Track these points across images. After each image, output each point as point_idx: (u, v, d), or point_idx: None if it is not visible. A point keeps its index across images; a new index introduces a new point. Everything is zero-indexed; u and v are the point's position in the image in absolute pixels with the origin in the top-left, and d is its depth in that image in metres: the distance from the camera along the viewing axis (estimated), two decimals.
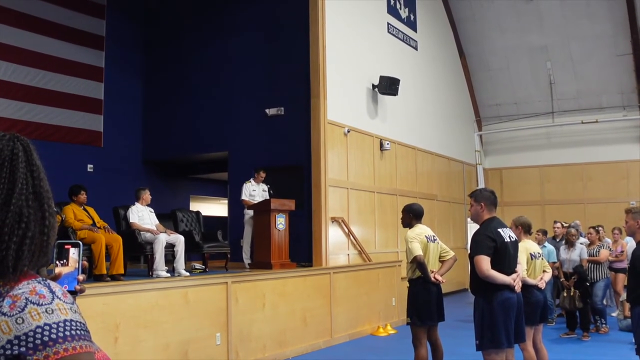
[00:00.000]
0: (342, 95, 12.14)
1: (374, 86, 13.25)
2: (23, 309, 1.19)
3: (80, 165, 12.72)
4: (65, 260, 1.52)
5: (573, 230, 10.19)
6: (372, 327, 10.85)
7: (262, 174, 10.89)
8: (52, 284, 1.27)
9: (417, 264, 6.21)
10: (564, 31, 17.51)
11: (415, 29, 15.73)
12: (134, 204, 9.13)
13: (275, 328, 8.64)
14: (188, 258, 9.76)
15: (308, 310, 9.33)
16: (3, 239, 1.24)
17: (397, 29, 14.78)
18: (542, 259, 6.67)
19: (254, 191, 10.79)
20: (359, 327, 10.56)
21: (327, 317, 9.78)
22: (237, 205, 11.45)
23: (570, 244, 10.00)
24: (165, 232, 8.96)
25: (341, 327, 10.08)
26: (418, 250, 6.20)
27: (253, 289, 8.36)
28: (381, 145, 13.42)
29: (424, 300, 6.26)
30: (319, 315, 9.59)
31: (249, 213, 10.64)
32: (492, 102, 19.32)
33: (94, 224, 8.33)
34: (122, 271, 8.22)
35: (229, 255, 10.47)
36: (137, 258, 10.75)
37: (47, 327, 1.19)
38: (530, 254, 6.45)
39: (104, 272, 7.93)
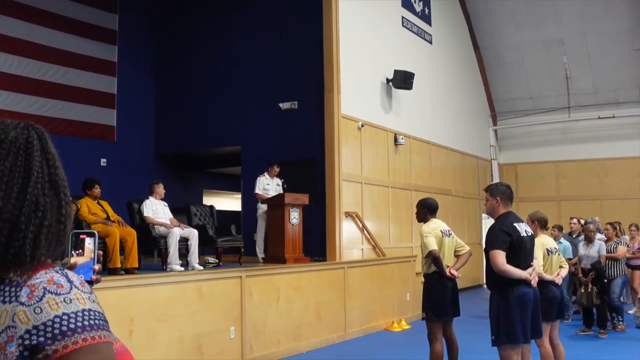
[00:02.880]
0: (356, 89, 12.08)
1: (388, 80, 13.18)
2: (41, 299, 1.18)
3: (94, 160, 12.75)
4: (80, 250, 1.50)
5: (592, 226, 10.09)
6: (387, 322, 10.81)
7: (276, 169, 10.86)
8: (70, 274, 1.25)
9: (432, 258, 6.16)
10: (580, 25, 17.33)
11: (429, 23, 15.64)
12: (147, 198, 9.13)
13: (289, 322, 8.62)
14: (202, 252, 9.75)
15: (322, 305, 9.31)
16: (20, 229, 1.23)
17: (412, 22, 14.69)
18: (559, 254, 6.59)
19: (268, 185, 10.76)
20: (373, 322, 10.53)
21: (341, 312, 9.76)
22: (250, 199, 11.43)
23: (588, 240, 9.90)
24: (179, 226, 8.95)
25: (355, 322, 10.05)
26: (433, 245, 6.15)
27: (267, 283, 8.35)
28: (395, 139, 13.35)
29: (439, 295, 6.21)
30: (333, 310, 9.56)
31: (263, 207, 10.61)
32: (507, 96, 19.18)
33: (108, 217, 8.33)
34: (136, 265, 8.22)
35: (242, 250, 10.46)
36: (151, 252, 10.76)
37: (65, 317, 1.17)
38: (547, 250, 6.38)
39: (119, 265, 7.94)
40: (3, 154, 1.27)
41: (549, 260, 6.37)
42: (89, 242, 1.51)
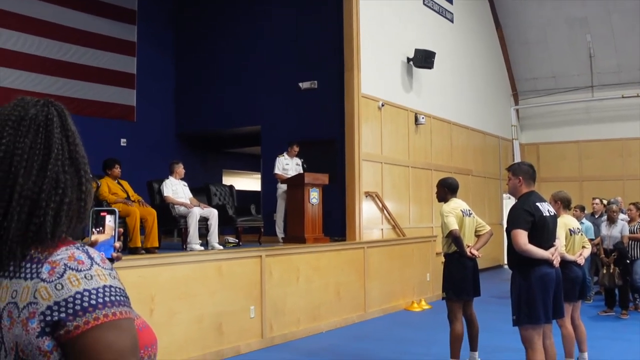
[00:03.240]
0: (376, 68, 11.99)
1: (408, 59, 13.07)
2: (62, 275, 1.18)
3: (114, 140, 12.81)
4: (101, 228, 1.49)
5: (614, 207, 9.97)
6: (406, 302, 10.81)
7: (296, 148, 10.84)
8: (91, 250, 1.25)
9: (453, 238, 6.13)
10: (604, 3, 17.00)
11: (451, 1, 15.45)
12: (167, 178, 9.17)
13: (309, 302, 8.65)
14: (221, 232, 9.79)
15: (342, 285, 9.32)
16: (40, 205, 1.23)
17: (433, 0, 14.52)
18: (582, 234, 6.53)
19: (287, 165, 10.75)
20: (393, 302, 10.54)
21: (361, 292, 9.77)
22: (270, 179, 11.44)
23: (611, 221, 9.80)
24: (199, 206, 8.99)
25: (375, 302, 10.06)
26: (454, 225, 6.11)
27: (287, 263, 8.37)
28: (416, 119, 13.27)
29: (459, 274, 6.18)
30: (353, 290, 9.57)
31: (282, 187, 10.62)
32: (530, 75, 18.93)
33: (128, 197, 8.38)
34: (156, 244, 8.28)
35: (262, 229, 10.49)
36: (171, 231, 10.83)
37: (86, 293, 1.17)
38: (570, 230, 6.32)
39: (139, 245, 8.00)
40: (23, 132, 1.27)
41: (572, 240, 6.31)
42: (109, 220, 1.50)
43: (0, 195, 1.22)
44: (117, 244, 1.49)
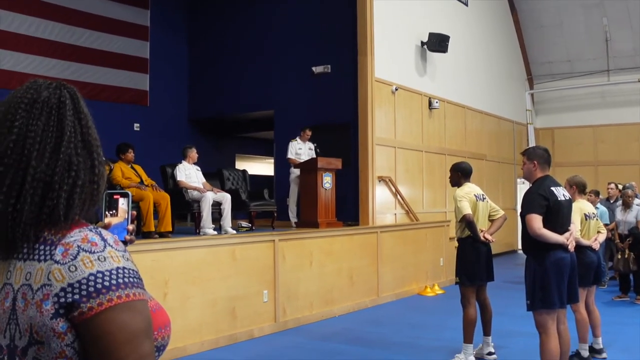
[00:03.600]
0: (390, 52, 11.92)
1: (422, 43, 12.98)
2: (75, 257, 1.18)
3: (127, 124, 12.83)
4: (114, 211, 1.49)
5: (630, 191, 9.88)
6: (420, 287, 10.81)
7: (308, 132, 10.81)
8: (104, 232, 1.25)
9: (467, 222, 6.10)
10: None
11: None
12: (180, 162, 9.18)
13: (322, 286, 8.66)
14: (234, 216, 9.81)
15: (355, 269, 9.32)
16: (54, 188, 1.23)
17: None
18: (597, 219, 6.48)
19: (300, 150, 10.74)
20: (406, 286, 10.54)
21: (374, 276, 9.77)
22: (283, 164, 11.44)
23: (626, 205, 9.72)
24: (212, 190, 9.00)
25: (388, 287, 10.07)
26: (467, 209, 6.08)
27: (300, 247, 8.38)
28: (430, 103, 13.20)
29: (473, 259, 6.16)
30: (366, 274, 9.58)
31: (295, 172, 10.61)
32: (545, 59, 18.74)
33: (141, 182, 8.41)
34: (170, 229, 8.31)
35: (275, 214, 10.50)
36: (184, 216, 10.86)
37: (99, 275, 1.17)
38: (585, 215, 6.27)
39: (152, 229, 8.03)
40: (36, 114, 1.27)
41: (587, 225, 6.26)
42: (122, 203, 1.50)
43: (13, 178, 1.22)
44: (130, 227, 1.49)
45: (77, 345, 1.16)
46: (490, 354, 6.40)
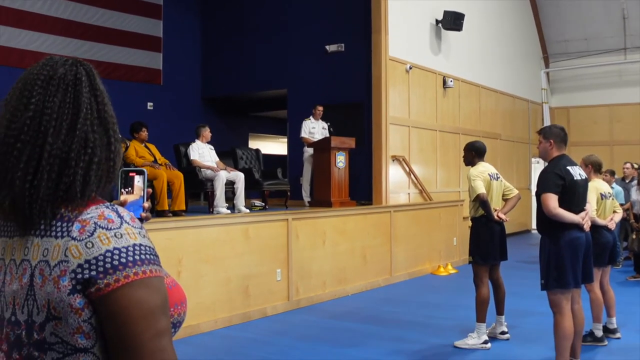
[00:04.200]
0: (404, 31, 11.83)
1: (437, 21, 12.87)
2: (92, 233, 1.18)
3: (140, 103, 12.84)
4: (130, 188, 1.49)
5: None
6: (433, 267, 10.82)
7: (320, 108, 10.76)
8: (120, 209, 1.25)
9: (480, 202, 6.07)
10: None
11: None
12: (194, 141, 9.18)
13: (335, 265, 8.68)
14: (247, 195, 9.82)
15: (368, 248, 9.33)
16: (70, 165, 1.23)
17: None
18: (613, 199, 6.43)
19: (314, 129, 10.72)
20: (419, 266, 10.54)
21: (387, 256, 9.78)
22: (296, 143, 11.43)
23: None
24: (226, 169, 9.01)
25: (401, 266, 10.08)
26: (481, 188, 6.05)
27: (313, 226, 8.39)
28: (444, 82, 13.11)
29: (486, 238, 6.14)
30: (379, 254, 9.59)
31: (309, 151, 10.60)
32: (561, 38, 18.53)
33: (155, 160, 8.42)
34: (183, 207, 8.32)
35: (288, 193, 10.50)
36: (198, 195, 10.89)
37: (116, 251, 1.17)
38: (601, 194, 6.22)
39: (166, 208, 8.04)
40: (52, 91, 1.26)
41: (603, 204, 6.22)
42: (138, 180, 1.50)
43: (30, 155, 1.22)
44: (146, 204, 1.49)
45: (94, 321, 1.17)
46: (503, 333, 6.41)
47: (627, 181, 11.11)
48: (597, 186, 6.22)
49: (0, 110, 1.28)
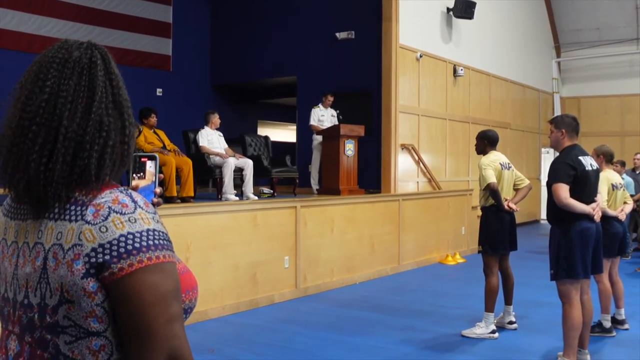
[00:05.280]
0: (415, 18, 11.76)
1: (448, 9, 12.79)
2: (106, 218, 1.18)
3: (150, 89, 12.83)
4: (142, 174, 1.48)
5: None
6: (441, 256, 10.81)
7: (330, 98, 10.74)
8: (134, 194, 1.25)
9: (491, 191, 6.05)
10: None
11: None
12: (203, 128, 9.18)
13: (343, 253, 8.68)
14: (256, 183, 9.82)
15: (376, 237, 9.33)
16: (85, 148, 1.22)
17: None
18: (624, 189, 6.40)
19: (323, 116, 10.69)
20: (427, 255, 10.54)
21: (395, 244, 9.77)
22: (305, 130, 11.41)
23: None
24: (234, 156, 9.01)
25: (409, 255, 10.07)
26: (492, 178, 6.03)
27: (322, 214, 8.38)
28: (454, 71, 13.04)
29: (496, 228, 6.12)
30: (387, 242, 9.58)
31: (318, 139, 10.58)
32: (573, 27, 18.37)
33: (164, 146, 8.42)
34: (192, 194, 8.31)
35: (297, 181, 10.49)
36: (206, 182, 10.90)
37: (130, 236, 1.17)
38: (612, 185, 6.19)
39: (175, 194, 8.05)
40: (67, 74, 1.26)
41: (614, 195, 6.18)
42: (150, 166, 1.49)
43: (45, 137, 1.21)
44: (158, 190, 1.49)
45: (106, 305, 1.17)
46: (511, 323, 6.40)
47: (637, 172, 11.05)
48: (609, 177, 6.19)
49: (15, 94, 1.28)
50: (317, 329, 6.49)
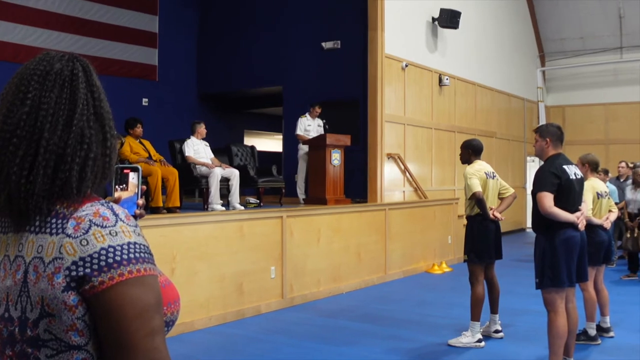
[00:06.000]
0: (400, 28, 11.82)
1: (433, 19, 12.87)
2: (87, 231, 1.18)
3: (136, 99, 12.80)
4: (124, 185, 1.48)
5: None
6: (427, 265, 10.82)
7: (318, 109, 10.77)
8: (115, 207, 1.25)
9: (476, 200, 6.07)
10: None
11: None
12: (189, 138, 9.16)
13: (329, 263, 8.68)
14: (242, 193, 9.81)
15: (362, 246, 9.33)
16: (66, 160, 1.22)
17: None
18: (609, 198, 6.44)
19: (309, 126, 10.70)
20: (414, 264, 10.55)
21: (382, 254, 9.78)
22: (291, 140, 11.41)
23: (637, 184, 9.68)
24: (221, 166, 8.99)
25: (395, 264, 10.08)
26: (477, 187, 6.05)
27: (308, 224, 8.38)
28: (440, 80, 13.11)
29: (482, 237, 6.14)
30: (374, 252, 9.58)
31: (304, 148, 10.59)
32: (557, 36, 18.55)
33: (150, 157, 8.40)
34: (178, 204, 8.31)
35: (283, 190, 10.49)
36: (192, 192, 10.87)
37: (111, 249, 1.17)
38: (597, 193, 6.22)
39: (161, 204, 8.03)
40: (48, 86, 1.26)
41: (599, 204, 6.22)
42: (132, 177, 1.49)
43: (26, 150, 1.21)
44: (140, 201, 1.48)
45: (87, 319, 1.17)
46: (497, 331, 6.42)
47: (621, 180, 11.13)
48: (594, 185, 6.23)
49: None
50: (303, 339, 6.47)
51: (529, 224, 15.49)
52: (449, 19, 12.69)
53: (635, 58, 17.52)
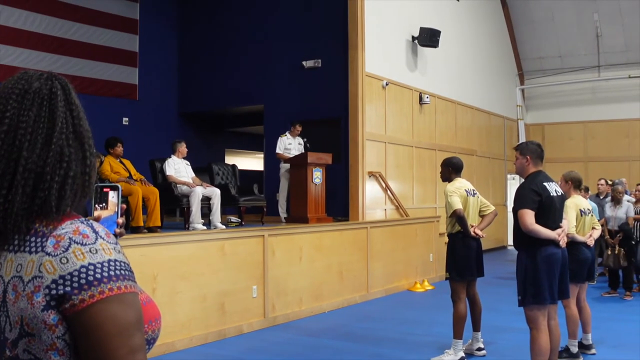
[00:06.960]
0: (380, 47, 11.90)
1: (413, 38, 12.97)
2: (67, 249, 1.17)
3: (116, 119, 12.73)
4: (104, 204, 1.47)
5: (620, 187, 9.93)
6: (409, 283, 10.81)
7: (299, 128, 10.78)
8: (95, 224, 1.25)
9: (457, 218, 6.09)
10: None
11: None
12: (170, 157, 9.12)
13: (311, 282, 8.64)
14: (224, 211, 9.77)
15: (344, 265, 9.31)
16: (45, 179, 1.22)
17: None
18: (592, 215, 6.46)
19: (290, 145, 10.71)
20: (396, 282, 10.54)
21: (364, 272, 9.76)
22: (273, 159, 11.40)
23: (616, 201, 9.77)
24: (202, 185, 8.95)
25: (378, 282, 10.06)
26: (458, 204, 6.07)
27: (290, 243, 8.35)
28: (420, 98, 13.19)
29: (463, 254, 6.15)
30: (356, 270, 9.56)
31: (285, 167, 10.58)
32: (536, 55, 18.76)
33: (130, 176, 8.34)
34: (159, 223, 8.24)
35: (265, 209, 10.45)
36: (173, 211, 10.80)
37: (91, 267, 1.16)
38: (580, 210, 6.25)
39: (141, 224, 7.96)
40: (27, 105, 1.26)
41: (582, 221, 6.24)
42: (112, 196, 1.48)
43: (4, 169, 1.21)
44: (120, 220, 1.48)
45: (68, 338, 1.15)
46: (479, 349, 6.41)
47: (601, 197, 11.22)
48: (577, 202, 6.25)
49: None
50: (286, 359, 6.42)
51: (510, 241, 15.58)
52: (428, 37, 12.80)
53: (613, 76, 17.77)
